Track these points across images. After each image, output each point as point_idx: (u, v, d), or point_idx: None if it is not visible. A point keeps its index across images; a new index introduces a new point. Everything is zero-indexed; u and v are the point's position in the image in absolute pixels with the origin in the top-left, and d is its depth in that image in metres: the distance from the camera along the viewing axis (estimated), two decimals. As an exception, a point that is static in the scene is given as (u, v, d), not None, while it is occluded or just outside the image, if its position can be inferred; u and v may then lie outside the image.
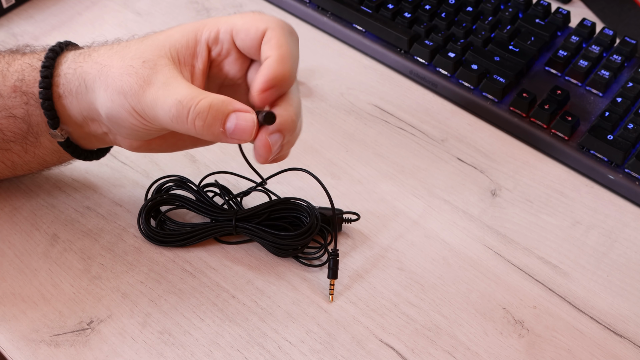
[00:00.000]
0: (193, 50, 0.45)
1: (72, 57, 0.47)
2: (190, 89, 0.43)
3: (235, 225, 0.51)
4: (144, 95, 0.43)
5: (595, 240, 0.55)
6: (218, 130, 0.43)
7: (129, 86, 0.43)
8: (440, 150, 0.61)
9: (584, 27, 0.65)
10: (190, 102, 0.42)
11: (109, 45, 0.47)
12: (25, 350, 0.47)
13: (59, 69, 0.47)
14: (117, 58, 0.45)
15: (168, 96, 0.42)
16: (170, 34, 0.45)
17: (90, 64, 0.46)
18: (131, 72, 0.43)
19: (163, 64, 0.44)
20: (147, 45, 0.45)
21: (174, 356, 0.47)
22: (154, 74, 0.43)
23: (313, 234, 0.51)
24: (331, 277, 0.50)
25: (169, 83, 0.43)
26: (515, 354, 0.48)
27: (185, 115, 0.42)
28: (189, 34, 0.45)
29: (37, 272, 0.51)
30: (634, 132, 0.58)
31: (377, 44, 0.67)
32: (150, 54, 0.44)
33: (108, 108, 0.45)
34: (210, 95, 0.43)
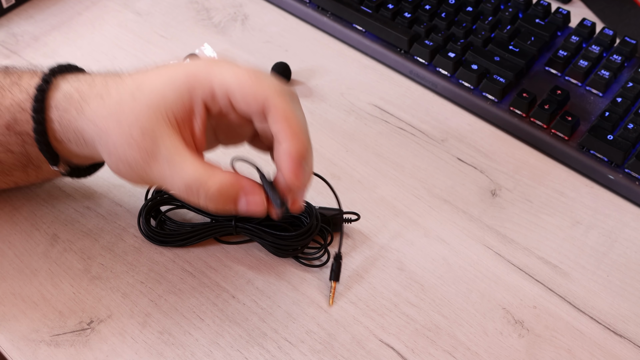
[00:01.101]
0: (190, 111, 0.43)
1: (63, 103, 0.45)
2: (196, 169, 0.43)
3: (235, 226, 0.51)
4: (151, 170, 0.43)
5: (595, 240, 0.55)
6: (230, 210, 0.44)
7: (133, 160, 0.43)
8: (440, 150, 0.61)
9: (584, 27, 0.65)
10: (199, 186, 0.43)
11: (98, 90, 0.45)
12: (25, 350, 0.47)
13: (50, 113, 0.45)
14: (113, 123, 0.43)
15: (175, 176, 0.43)
16: (163, 93, 0.43)
17: (85, 122, 0.44)
18: (132, 144, 0.43)
19: (163, 133, 0.43)
20: (142, 108, 0.43)
21: (174, 356, 0.47)
22: (155, 147, 0.43)
23: (313, 235, 0.51)
24: (334, 279, 0.50)
25: (173, 160, 0.43)
26: (515, 354, 0.48)
27: (196, 197, 0.43)
28: (184, 95, 0.43)
29: (37, 272, 0.51)
30: (634, 132, 0.58)
31: (377, 44, 0.67)
32: (148, 121, 0.43)
33: (115, 170, 0.45)
34: (216, 177, 0.43)
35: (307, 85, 0.65)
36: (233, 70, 0.43)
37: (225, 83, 0.43)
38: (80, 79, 0.46)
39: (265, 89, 0.42)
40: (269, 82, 0.43)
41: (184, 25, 0.71)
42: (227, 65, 0.44)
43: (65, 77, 0.47)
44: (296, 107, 0.44)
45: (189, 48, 0.68)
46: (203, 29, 0.70)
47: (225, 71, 0.43)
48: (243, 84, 0.42)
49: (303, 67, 0.67)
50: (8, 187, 0.52)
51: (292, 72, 0.65)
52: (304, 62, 0.68)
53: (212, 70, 0.43)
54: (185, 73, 0.43)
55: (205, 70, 0.43)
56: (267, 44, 0.69)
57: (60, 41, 0.68)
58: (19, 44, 0.68)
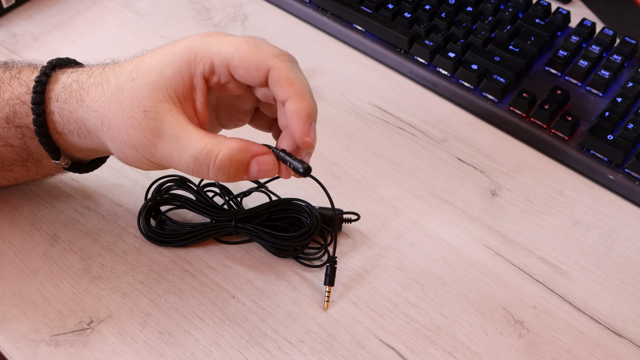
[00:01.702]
0: (190, 85, 0.43)
1: (62, 94, 0.45)
2: (203, 141, 0.42)
3: (235, 226, 0.51)
4: (156, 149, 0.43)
5: (595, 240, 0.55)
6: (241, 178, 0.44)
7: (138, 141, 0.43)
8: (440, 150, 0.61)
9: (584, 27, 0.65)
10: (207, 158, 0.42)
11: (96, 79, 0.45)
12: (25, 350, 0.47)
13: (50, 105, 0.46)
14: (114, 107, 0.43)
15: (182, 151, 0.43)
16: (161, 70, 0.43)
17: (85, 111, 0.44)
18: (135, 125, 0.43)
19: (165, 111, 0.43)
20: (141, 88, 0.43)
21: (174, 356, 0.47)
22: (159, 125, 0.43)
23: (313, 235, 0.51)
24: (328, 283, 0.50)
25: (178, 135, 0.43)
26: (515, 354, 0.48)
27: (206, 170, 0.43)
28: (182, 69, 0.43)
29: (37, 272, 0.51)
30: (634, 132, 0.58)
31: (377, 44, 0.67)
32: (149, 100, 0.43)
33: (120, 156, 0.45)
34: (224, 144, 0.42)
35: (307, 85, 0.65)
36: (230, 40, 0.43)
37: (223, 54, 0.43)
38: (79, 71, 0.46)
39: (264, 55, 0.42)
40: (268, 48, 0.43)
41: (184, 25, 0.71)
42: (223, 36, 0.44)
43: (64, 70, 0.47)
44: (297, 69, 0.44)
45: (189, 48, 0.68)
46: (203, 29, 0.70)
47: (222, 42, 0.43)
48: (242, 52, 0.42)
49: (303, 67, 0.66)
50: (8, 184, 0.52)
51: (292, 72, 0.65)
52: (304, 62, 0.67)
53: (209, 42, 0.43)
54: (182, 48, 0.43)
55: (201, 43, 0.43)
56: (267, 44, 0.69)
57: (60, 41, 0.68)
58: (19, 44, 0.68)
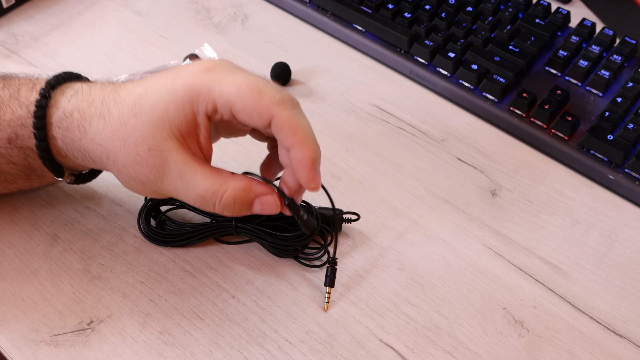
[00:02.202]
0: (193, 122, 0.44)
1: (64, 122, 0.45)
2: (208, 181, 0.44)
3: (235, 226, 0.51)
4: (163, 185, 0.44)
5: (595, 240, 0.55)
6: (245, 214, 0.45)
7: (144, 176, 0.44)
8: (440, 150, 0.61)
9: (584, 27, 0.65)
10: (213, 197, 0.44)
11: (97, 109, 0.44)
12: (25, 350, 0.47)
13: (52, 130, 0.46)
14: (118, 143, 0.43)
15: (188, 189, 0.44)
16: (164, 108, 0.43)
17: (89, 142, 0.45)
18: (141, 162, 0.43)
19: (170, 149, 0.43)
20: (145, 125, 0.43)
21: (174, 356, 0.47)
22: (164, 163, 0.43)
23: (313, 235, 0.51)
24: (328, 284, 0.50)
25: (184, 174, 0.44)
26: (515, 354, 0.48)
27: (211, 207, 0.44)
28: (185, 107, 0.43)
29: (37, 272, 0.51)
30: (634, 132, 0.58)
31: (377, 44, 0.67)
32: (153, 138, 0.43)
33: (128, 187, 0.46)
34: (229, 185, 0.44)
35: (307, 85, 0.65)
36: (233, 83, 0.43)
37: (226, 97, 0.43)
38: (79, 95, 0.46)
39: (267, 103, 0.42)
40: (271, 94, 0.43)
41: (184, 25, 0.71)
42: (226, 74, 0.43)
43: (63, 91, 0.46)
44: (300, 114, 0.44)
45: (189, 48, 0.68)
46: (203, 29, 0.70)
47: (225, 84, 0.43)
48: (245, 99, 0.42)
49: (303, 67, 0.67)
50: (10, 191, 0.52)
51: (292, 72, 0.65)
52: (304, 62, 0.68)
53: (211, 82, 0.43)
54: (185, 86, 0.43)
55: (204, 82, 0.43)
56: (267, 44, 0.69)
57: (60, 41, 0.68)
58: (19, 44, 0.68)
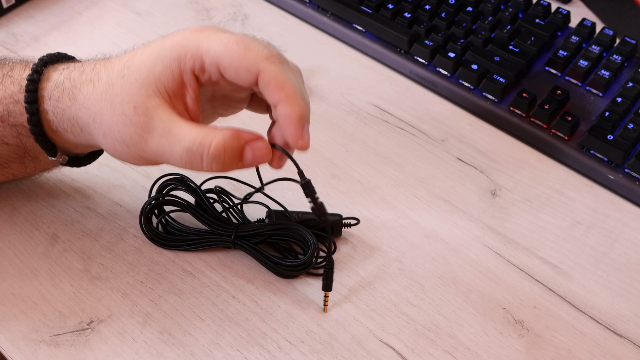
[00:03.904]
0: (180, 81, 0.43)
1: (55, 92, 0.45)
2: (194, 132, 0.42)
3: (234, 241, 0.51)
4: (147, 145, 0.43)
5: (595, 240, 0.55)
6: (236, 166, 0.43)
7: (129, 137, 0.43)
8: (440, 150, 0.61)
9: (584, 27, 0.65)
10: (200, 148, 0.42)
11: (88, 76, 0.45)
12: (25, 350, 0.47)
13: (44, 103, 0.45)
14: (105, 104, 0.43)
15: (174, 144, 0.42)
16: (151, 67, 0.43)
17: (78, 108, 0.44)
18: (126, 122, 0.43)
19: (155, 106, 0.42)
20: (132, 84, 0.43)
21: (174, 356, 0.47)
22: (150, 120, 0.42)
23: (309, 268, 0.50)
24: (324, 289, 0.50)
25: (169, 129, 0.42)
26: (515, 354, 0.48)
27: (199, 161, 0.42)
28: (172, 65, 0.42)
29: (37, 272, 0.51)
30: (634, 132, 0.58)
31: (377, 44, 0.67)
32: (139, 97, 0.42)
33: (112, 153, 0.45)
34: (217, 133, 0.42)
35: (307, 85, 0.65)
36: (221, 39, 0.42)
37: (213, 53, 0.42)
38: (71, 67, 0.46)
39: (254, 57, 0.42)
40: (257, 49, 0.42)
41: (184, 25, 0.71)
42: (215, 33, 0.43)
43: (56, 66, 0.47)
44: (287, 70, 0.43)
45: (189, 48, 0.68)
46: (203, 29, 0.70)
47: (213, 40, 0.42)
48: (232, 53, 0.42)
49: (303, 67, 0.67)
50: (6, 180, 0.52)
51: (292, 72, 0.65)
52: (304, 62, 0.68)
53: (199, 39, 0.42)
54: (172, 44, 0.43)
55: (192, 39, 0.42)
56: (267, 44, 0.69)
57: (60, 41, 0.68)
58: (19, 44, 0.68)
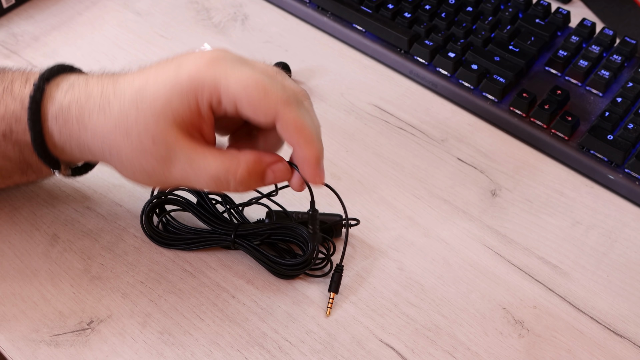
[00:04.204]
0: (197, 113, 0.43)
1: (61, 116, 0.44)
2: (219, 161, 0.43)
3: (233, 241, 0.51)
4: (171, 174, 0.43)
5: (595, 240, 0.55)
6: (258, 186, 0.45)
7: (150, 167, 0.43)
8: (440, 150, 0.61)
9: (584, 27, 0.65)
10: (227, 175, 0.43)
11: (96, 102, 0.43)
12: (25, 350, 0.47)
13: (48, 124, 0.44)
14: (121, 136, 0.43)
15: (200, 173, 0.43)
16: (167, 99, 0.42)
17: (89, 137, 0.44)
18: (146, 154, 0.43)
19: (174, 137, 0.42)
20: (148, 117, 0.42)
21: (174, 356, 0.47)
22: (171, 152, 0.42)
23: (309, 267, 0.50)
24: (332, 290, 0.50)
25: (192, 159, 0.43)
26: (515, 354, 0.48)
27: (226, 187, 0.44)
28: (190, 99, 0.42)
29: (37, 272, 0.51)
30: (634, 132, 0.58)
31: (377, 44, 0.67)
32: (156, 129, 0.42)
33: (131, 179, 0.45)
34: (241, 160, 0.43)
35: (307, 85, 0.65)
36: (239, 78, 0.41)
37: (232, 93, 0.41)
38: (75, 89, 0.45)
39: (273, 102, 0.42)
40: (277, 94, 0.42)
41: (184, 25, 0.71)
42: (232, 69, 0.42)
43: (58, 84, 0.45)
44: (304, 114, 0.43)
45: (188, 48, 0.68)
46: (203, 29, 0.70)
47: (231, 79, 0.41)
48: (251, 97, 0.41)
49: (303, 67, 0.67)
50: (6, 186, 0.52)
51: (292, 72, 0.65)
52: (304, 62, 0.68)
53: (217, 75, 0.42)
54: (189, 78, 0.42)
55: (209, 75, 0.42)
56: (267, 44, 0.69)
57: (60, 41, 0.68)
58: (19, 44, 0.68)
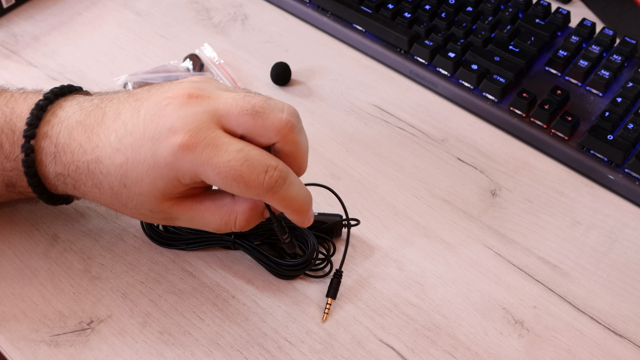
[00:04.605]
0: (184, 186, 0.43)
1: (60, 180, 0.45)
2: (217, 217, 0.45)
3: (234, 241, 0.51)
4: (177, 224, 0.46)
5: (595, 240, 0.55)
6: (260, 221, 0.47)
7: (157, 222, 0.47)
8: (440, 150, 0.61)
9: (584, 27, 0.65)
10: (227, 226, 0.45)
11: (87, 179, 0.44)
12: (25, 350, 0.47)
13: (50, 182, 0.46)
14: (120, 207, 0.45)
15: (202, 227, 0.46)
16: (150, 183, 0.42)
17: (92, 199, 0.46)
18: (147, 218, 0.46)
19: (170, 206, 0.44)
20: (138, 196, 0.43)
21: (174, 356, 0.47)
22: (169, 215, 0.45)
23: (308, 267, 0.50)
24: (330, 295, 0.50)
25: (192, 219, 0.45)
26: (515, 354, 0.48)
27: (230, 230, 0.46)
28: (173, 180, 0.42)
29: (37, 272, 0.51)
30: (634, 132, 0.58)
31: (377, 44, 0.67)
32: (150, 204, 0.44)
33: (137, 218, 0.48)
34: (237, 211, 0.45)
35: (307, 85, 0.65)
36: (218, 169, 0.41)
37: (213, 182, 0.42)
38: (61, 156, 0.44)
39: (256, 193, 0.42)
40: (258, 184, 0.41)
41: (184, 25, 0.71)
42: (209, 159, 0.41)
43: (43, 148, 0.45)
44: (291, 187, 0.43)
45: (189, 48, 0.68)
46: (203, 29, 0.70)
47: (210, 171, 0.41)
48: (232, 188, 0.42)
49: (303, 67, 0.67)
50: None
51: (292, 72, 0.65)
52: (304, 62, 0.68)
53: (195, 167, 0.41)
54: (167, 166, 0.41)
55: (188, 166, 0.41)
56: (267, 44, 0.69)
57: (60, 41, 0.68)
58: (19, 44, 0.68)
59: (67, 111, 0.45)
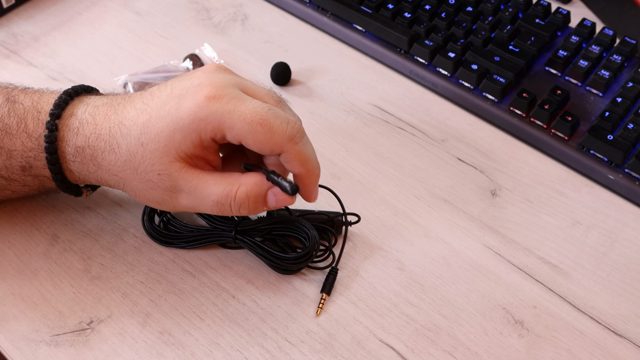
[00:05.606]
0: (200, 147, 0.44)
1: (78, 156, 0.47)
2: (220, 186, 0.45)
3: (235, 237, 0.51)
4: (178, 202, 0.46)
5: (595, 240, 0.55)
6: (262, 209, 0.46)
7: (159, 198, 0.46)
8: (440, 150, 0.61)
9: (584, 27, 0.65)
10: (227, 198, 0.45)
11: (107, 143, 0.46)
12: (25, 350, 0.47)
13: (67, 162, 0.47)
14: (130, 172, 0.45)
15: (203, 200, 0.45)
16: (169, 135, 0.44)
17: (105, 173, 0.47)
18: (153, 186, 0.45)
19: (178, 169, 0.45)
20: (152, 153, 0.44)
21: (174, 356, 0.47)
22: (175, 183, 0.45)
23: (310, 259, 0.50)
24: (325, 291, 0.50)
25: (195, 187, 0.45)
26: (515, 354, 0.48)
27: (228, 210, 0.46)
28: (192, 135, 0.44)
29: (37, 272, 0.51)
30: (634, 132, 0.58)
31: (377, 44, 0.67)
32: (160, 164, 0.44)
33: (146, 204, 0.49)
34: (240, 182, 0.45)
35: (307, 85, 0.65)
36: (244, 118, 0.43)
37: (237, 131, 0.43)
38: (85, 126, 0.46)
39: (279, 139, 0.44)
40: (282, 129, 0.44)
41: (184, 25, 0.71)
42: (235, 107, 0.43)
43: (68, 124, 0.47)
44: (306, 146, 0.45)
45: (189, 48, 0.68)
46: (203, 29, 0.70)
47: (236, 119, 0.43)
48: (257, 135, 0.43)
49: (303, 67, 0.67)
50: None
51: (292, 72, 0.65)
52: (304, 62, 0.68)
53: (220, 114, 0.43)
54: (190, 116, 0.43)
55: (212, 114, 0.43)
56: (267, 44, 0.69)
57: (60, 41, 0.68)
58: (19, 44, 0.68)
59: (93, 98, 0.48)
